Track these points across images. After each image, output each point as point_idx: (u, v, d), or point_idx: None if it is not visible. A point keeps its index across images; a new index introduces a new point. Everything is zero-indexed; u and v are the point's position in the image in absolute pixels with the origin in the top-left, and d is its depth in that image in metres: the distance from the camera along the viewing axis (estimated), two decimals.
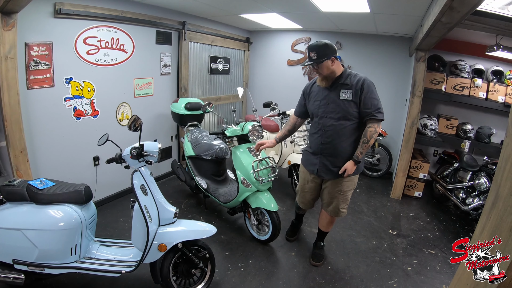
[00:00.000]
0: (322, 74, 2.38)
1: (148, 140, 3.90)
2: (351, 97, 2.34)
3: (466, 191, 3.93)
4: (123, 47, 3.59)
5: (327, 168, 2.53)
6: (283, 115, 4.24)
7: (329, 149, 2.48)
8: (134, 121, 2.19)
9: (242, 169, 2.96)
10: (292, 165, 4.11)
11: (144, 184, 2.21)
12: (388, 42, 5.11)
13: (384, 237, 3.50)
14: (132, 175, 2.21)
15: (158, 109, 4.30)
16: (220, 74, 5.40)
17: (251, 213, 3.11)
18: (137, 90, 3.91)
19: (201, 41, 4.82)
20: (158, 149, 2.23)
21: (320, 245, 3.00)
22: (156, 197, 2.25)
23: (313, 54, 2.31)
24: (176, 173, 3.97)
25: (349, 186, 2.59)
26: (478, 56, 4.55)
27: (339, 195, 2.59)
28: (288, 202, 4.15)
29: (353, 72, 2.43)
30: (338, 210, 2.66)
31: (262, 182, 2.85)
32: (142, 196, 2.17)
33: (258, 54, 6.18)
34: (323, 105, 2.46)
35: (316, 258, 2.92)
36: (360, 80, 2.34)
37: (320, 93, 2.50)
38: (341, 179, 2.53)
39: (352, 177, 2.56)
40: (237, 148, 3.09)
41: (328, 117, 2.44)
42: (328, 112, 2.44)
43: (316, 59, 2.31)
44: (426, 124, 4.44)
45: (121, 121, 3.76)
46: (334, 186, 2.58)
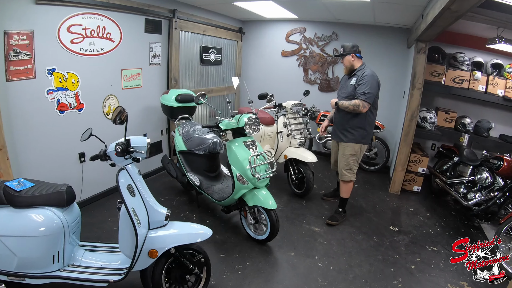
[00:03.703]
0: (344, 63, 3.34)
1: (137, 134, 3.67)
2: (354, 83, 3.22)
3: (466, 186, 3.84)
4: (109, 35, 3.37)
5: (336, 133, 3.46)
6: (279, 107, 4.06)
7: (338, 118, 3.42)
8: (119, 114, 1.97)
9: (237, 164, 2.77)
10: (289, 160, 3.94)
11: (131, 183, 2.01)
12: (386, 33, 4.97)
13: (385, 234, 3.38)
14: (118, 174, 2.00)
15: (147, 101, 4.08)
16: (212, 65, 5.18)
17: (248, 211, 2.94)
18: (125, 82, 3.70)
19: (192, 31, 4.59)
20: (146, 145, 2.03)
21: (338, 210, 3.57)
22: (145, 198, 2.05)
23: (341, 50, 3.34)
24: (166, 169, 3.77)
25: (350, 151, 3.34)
26: (478, 49, 4.47)
27: (342, 157, 3.39)
28: (284, 198, 3.99)
29: (366, 68, 3.22)
30: (341, 172, 3.41)
31: (259, 178, 2.67)
32: (129, 198, 1.97)
33: (252, 44, 5.96)
34: (342, 88, 3.44)
35: (331, 218, 3.51)
36: (364, 72, 3.17)
37: (343, 81, 3.46)
38: (344, 144, 3.37)
39: (353, 144, 3.32)
40: (232, 142, 2.89)
41: (341, 96, 3.40)
42: (342, 93, 3.39)
43: (342, 53, 3.31)
44: (425, 117, 4.32)
45: (108, 114, 3.55)
46: (340, 150, 3.42)
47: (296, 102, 3.94)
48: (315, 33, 5.43)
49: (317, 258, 2.87)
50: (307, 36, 5.50)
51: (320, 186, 4.43)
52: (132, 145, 1.98)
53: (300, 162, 3.80)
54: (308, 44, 5.52)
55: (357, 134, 3.28)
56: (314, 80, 5.62)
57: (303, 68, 5.66)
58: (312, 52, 5.52)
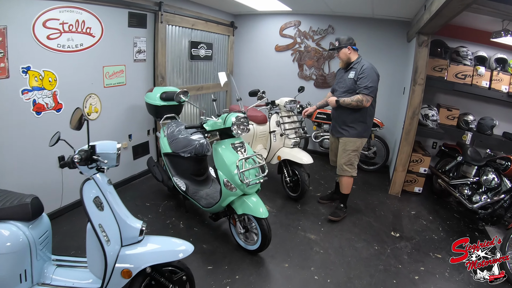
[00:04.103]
0: (340, 58, 3.25)
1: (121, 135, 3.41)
2: (353, 76, 3.13)
3: (471, 187, 3.62)
4: (89, 30, 3.13)
5: (335, 128, 3.37)
6: (272, 104, 3.80)
7: (337, 113, 3.32)
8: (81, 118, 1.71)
9: (224, 169, 2.52)
10: (283, 161, 3.70)
11: (99, 195, 1.75)
12: (385, 26, 4.74)
13: (386, 241, 3.15)
14: (82, 185, 1.74)
15: (132, 100, 3.82)
16: (202, 61, 4.91)
17: (237, 219, 2.69)
18: (107, 79, 3.45)
19: (180, 24, 4.32)
20: (116, 151, 1.77)
21: (340, 206, 3.52)
22: (116, 211, 1.80)
23: (336, 43, 3.24)
24: (152, 172, 3.52)
25: (351, 147, 3.26)
26: (481, 43, 4.27)
27: (343, 153, 3.31)
28: (278, 201, 3.75)
29: (363, 61, 3.15)
30: (342, 167, 3.32)
31: (248, 184, 2.42)
32: (96, 212, 1.72)
33: (244, 39, 5.70)
34: (339, 82, 3.33)
35: (333, 214, 3.46)
36: (362, 65, 3.10)
37: (340, 75, 3.36)
38: (345, 139, 3.28)
39: (355, 139, 3.25)
40: (219, 144, 2.63)
41: (339, 90, 3.30)
42: (340, 87, 3.29)
43: (337, 46, 3.22)
44: (427, 115, 4.10)
45: (89, 114, 3.31)
46: (341, 146, 3.33)
47: (290, 99, 3.69)
48: (310, 26, 5.18)
49: (313, 270, 2.64)
50: (302, 30, 5.24)
51: (316, 188, 4.19)
52: (98, 151, 1.73)
53: (295, 163, 3.55)
54: (303, 38, 5.26)
55: (359, 128, 3.22)
56: (310, 75, 5.38)
57: (298, 63, 5.40)
58: (307, 47, 5.27)
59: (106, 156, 1.75)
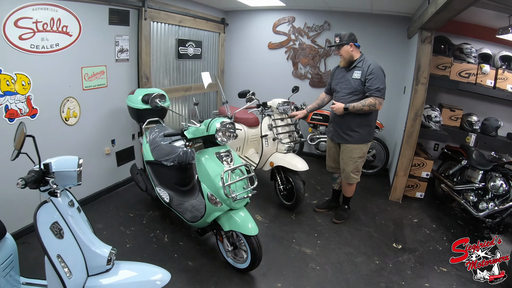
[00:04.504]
0: (341, 55, 2.97)
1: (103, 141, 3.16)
2: (359, 76, 2.88)
3: (477, 194, 3.40)
4: (66, 29, 2.89)
5: (338, 134, 3.11)
6: (264, 106, 3.54)
7: (340, 117, 3.02)
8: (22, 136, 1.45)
9: (208, 181, 2.26)
10: (276, 167, 3.44)
11: (58, 221, 1.49)
12: (384, 22, 4.49)
13: (388, 254, 2.92)
14: (37, 209, 1.47)
15: (114, 103, 3.56)
16: (191, 60, 4.63)
17: (224, 236, 2.44)
18: (86, 81, 3.20)
19: (166, 21, 4.04)
20: (77, 168, 1.51)
21: (343, 207, 3.42)
22: (80, 237, 1.55)
23: (337, 39, 2.95)
24: (135, 181, 3.26)
25: (358, 153, 3.06)
26: (485, 39, 4.04)
27: (349, 160, 3.09)
28: (271, 211, 3.50)
29: (367, 58, 2.94)
30: (349, 175, 3.14)
31: (235, 199, 2.17)
32: (53, 241, 1.46)
33: (235, 36, 5.42)
34: (340, 83, 3.06)
35: (337, 217, 3.37)
36: (369, 64, 2.87)
37: (341, 74, 3.09)
38: (351, 146, 3.05)
39: (361, 145, 3.04)
40: (202, 153, 2.36)
41: (342, 92, 3.03)
42: (342, 88, 3.03)
43: (338, 43, 2.94)
44: (430, 116, 3.86)
45: (67, 120, 3.05)
46: (346, 153, 3.10)
47: (283, 101, 3.42)
48: (305, 22, 4.91)
49: None
50: (296, 26, 4.98)
51: (312, 195, 3.95)
52: (54, 169, 1.46)
53: (289, 170, 3.30)
54: (298, 35, 5.00)
55: (364, 133, 3.02)
56: (305, 74, 5.12)
57: (292, 62, 5.14)
58: (302, 44, 5.01)
59: (65, 175, 1.49)
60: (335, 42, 2.96)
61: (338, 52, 2.99)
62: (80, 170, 1.55)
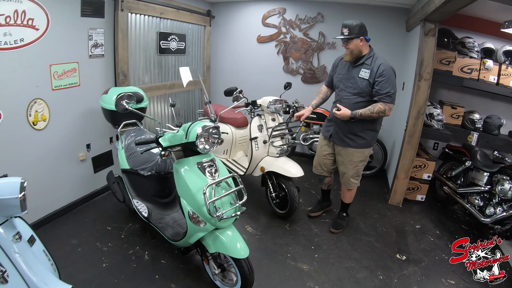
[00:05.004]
0: (349, 49, 2.62)
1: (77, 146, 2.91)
2: (367, 77, 2.59)
3: (483, 197, 3.17)
4: (32, 22, 2.57)
5: (339, 135, 2.83)
6: (253, 105, 3.23)
7: (340, 120, 2.72)
8: None
9: (189, 198, 1.94)
10: (267, 173, 3.14)
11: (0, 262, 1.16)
12: (381, 14, 4.23)
13: (392, 267, 2.67)
14: None
15: (88, 103, 3.21)
16: (174, 55, 4.27)
17: (210, 258, 2.13)
18: (56, 81, 2.86)
19: (145, 13, 3.68)
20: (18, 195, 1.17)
21: (342, 215, 3.19)
22: (30, 278, 1.21)
23: (346, 30, 2.57)
24: (112, 191, 2.92)
25: (360, 157, 2.83)
26: (487, 33, 3.83)
27: (349, 165, 2.85)
28: (263, 220, 3.21)
29: (377, 55, 2.65)
30: (349, 180, 2.92)
31: (221, 218, 1.86)
32: None
33: (222, 30, 5.07)
34: (344, 79, 2.76)
35: (335, 226, 3.11)
36: (380, 63, 2.56)
37: (345, 68, 2.78)
38: (352, 150, 2.80)
39: (363, 150, 2.81)
40: (181, 163, 2.04)
41: (346, 90, 2.74)
42: (347, 86, 2.73)
43: (347, 35, 2.56)
44: (432, 114, 3.61)
45: (35, 124, 2.72)
46: (346, 156, 2.85)
47: (274, 99, 3.11)
48: (296, 14, 4.60)
49: None
50: (288, 18, 4.66)
51: (306, 200, 3.67)
52: None
53: (282, 176, 3.00)
54: (289, 27, 4.69)
55: (369, 138, 2.79)
56: (297, 69, 4.82)
57: (283, 56, 4.83)
58: (293, 37, 4.70)
59: (3, 204, 1.16)
60: (342, 34, 2.60)
61: (345, 45, 2.64)
62: (24, 196, 1.22)
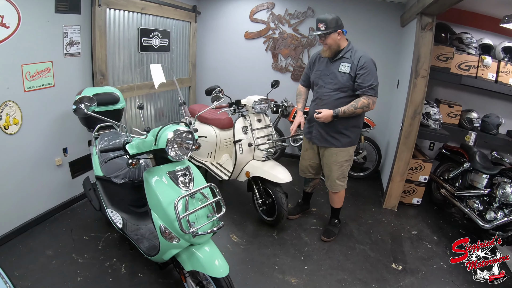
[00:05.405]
0: (327, 45, 2.51)
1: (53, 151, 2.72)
2: (348, 70, 2.50)
3: (482, 201, 3.01)
4: (2, 19, 2.40)
5: (321, 136, 2.70)
6: (237, 105, 3.01)
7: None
8: None
9: (160, 211, 1.73)
10: (253, 178, 2.93)
11: None
12: (374, 8, 4.06)
13: (387, 278, 2.49)
14: None
15: (63, 105, 2.99)
16: (156, 53, 4.05)
17: (186, 275, 1.93)
18: (28, 82, 2.66)
19: (125, 8, 3.46)
20: None
21: (333, 222, 3.04)
22: None
23: (322, 25, 2.46)
24: (88, 198, 2.71)
25: (344, 157, 2.71)
26: (485, 29, 3.69)
27: (334, 165, 2.72)
28: (249, 228, 3.01)
29: (355, 48, 2.56)
30: (334, 183, 2.78)
31: (196, 234, 1.65)
32: None
33: (209, 26, 4.85)
34: (323, 75, 2.64)
35: (326, 234, 2.95)
36: (360, 56, 2.47)
37: (323, 64, 2.67)
38: (336, 149, 2.68)
39: (347, 148, 2.69)
40: (151, 173, 1.83)
41: (326, 87, 2.62)
42: (327, 82, 2.62)
43: (324, 30, 2.45)
44: (428, 113, 3.44)
45: (6, 128, 2.52)
46: (329, 157, 2.73)
47: (260, 98, 2.90)
48: (286, 9, 4.40)
49: None
50: (276, 13, 4.46)
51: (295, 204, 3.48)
52: None
53: (269, 181, 2.80)
54: (278, 23, 4.49)
55: (353, 135, 2.70)
56: (286, 67, 4.63)
57: (272, 53, 4.63)
58: (282, 33, 4.50)
59: None
60: (318, 29, 2.48)
61: (322, 41, 2.53)
62: None
